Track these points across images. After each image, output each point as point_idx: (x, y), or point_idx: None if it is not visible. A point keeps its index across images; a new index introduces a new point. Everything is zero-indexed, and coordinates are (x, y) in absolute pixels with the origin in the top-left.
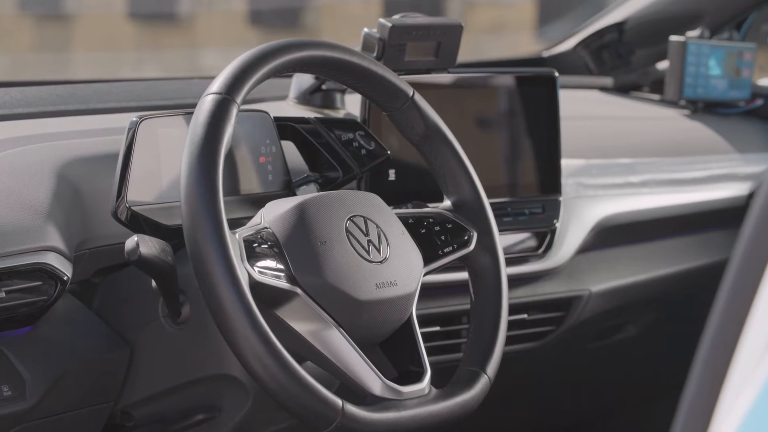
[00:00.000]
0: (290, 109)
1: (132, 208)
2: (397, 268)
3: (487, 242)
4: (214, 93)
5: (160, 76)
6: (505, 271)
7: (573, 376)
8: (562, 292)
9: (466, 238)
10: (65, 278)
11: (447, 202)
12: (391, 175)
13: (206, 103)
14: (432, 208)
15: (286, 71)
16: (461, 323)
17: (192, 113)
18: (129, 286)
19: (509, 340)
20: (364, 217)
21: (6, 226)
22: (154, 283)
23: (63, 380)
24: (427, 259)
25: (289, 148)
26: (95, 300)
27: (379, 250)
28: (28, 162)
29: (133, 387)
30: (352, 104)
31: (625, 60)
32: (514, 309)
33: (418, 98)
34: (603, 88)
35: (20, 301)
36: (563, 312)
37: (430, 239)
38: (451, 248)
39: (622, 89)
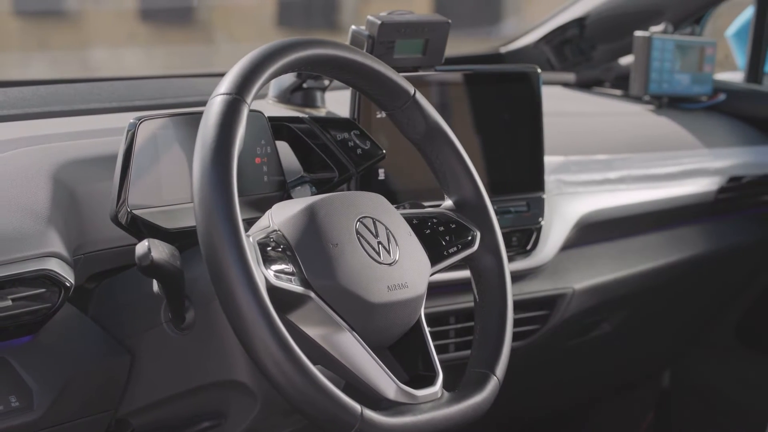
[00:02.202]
0: (270, 108)
1: (133, 211)
2: (407, 269)
3: (490, 242)
4: (223, 93)
5: (139, 75)
6: (509, 270)
7: (549, 372)
8: (547, 291)
9: (469, 238)
10: (68, 284)
11: (448, 202)
12: (381, 174)
13: (216, 104)
14: (434, 208)
15: (292, 70)
16: (449, 323)
17: (190, 114)
18: (127, 292)
19: None
20: (372, 219)
21: (8, 232)
22: (155, 288)
23: (68, 389)
24: (433, 260)
25: (282, 148)
26: (91, 306)
27: (389, 252)
28: (23, 165)
29: (133, 394)
30: (331, 103)
31: (586, 56)
32: None
33: (420, 97)
34: (565, 84)
35: (25, 309)
36: (547, 310)
37: (435, 240)
38: (455, 248)
39: (584, 85)
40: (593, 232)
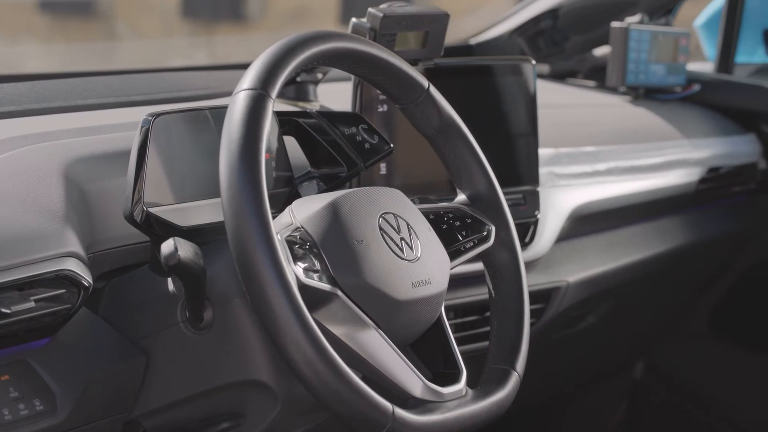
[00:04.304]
0: None
1: (149, 209)
2: (429, 265)
3: (505, 237)
4: (248, 89)
5: (132, 69)
6: (523, 265)
7: (532, 366)
8: (542, 284)
9: (485, 233)
10: (87, 284)
11: (462, 196)
12: (383, 169)
13: (241, 100)
14: (448, 203)
15: (312, 64)
16: (448, 318)
17: (203, 110)
18: (139, 291)
19: (484, 337)
20: (394, 214)
21: (28, 232)
22: (171, 287)
23: (88, 391)
24: (451, 255)
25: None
26: (101, 306)
27: (411, 248)
28: (33, 163)
29: (148, 396)
30: (323, 96)
31: (560, 47)
32: None
33: (434, 91)
34: (539, 75)
35: (46, 310)
36: (543, 304)
37: (452, 235)
38: (472, 243)
39: (558, 76)
40: (584, 224)
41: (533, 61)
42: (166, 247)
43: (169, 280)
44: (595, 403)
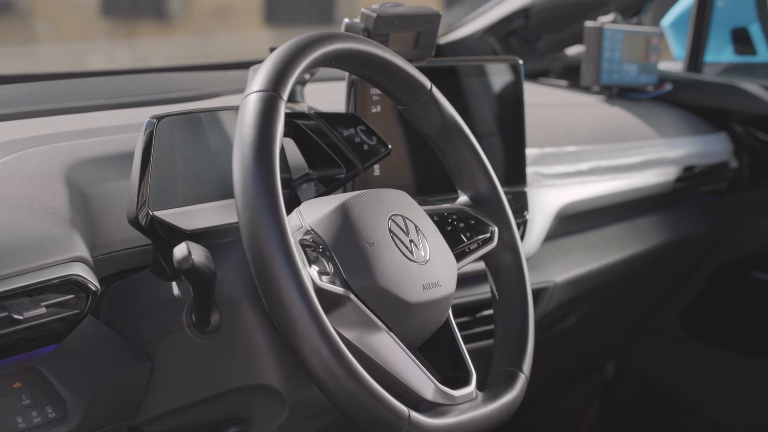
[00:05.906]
0: None
1: (154, 213)
2: (438, 268)
3: (507, 238)
4: (258, 91)
5: (121, 69)
6: (526, 266)
7: None
8: (531, 284)
9: (488, 234)
10: (94, 289)
11: (464, 197)
12: (377, 170)
13: (252, 102)
14: (450, 204)
15: (320, 65)
16: None
17: (207, 112)
18: (141, 295)
19: (480, 337)
20: (402, 216)
21: (36, 237)
22: (175, 291)
23: (97, 398)
24: (456, 257)
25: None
26: (102, 311)
27: (420, 250)
28: (35, 166)
29: (152, 401)
30: (309, 96)
31: (532, 46)
32: (486, 304)
33: (436, 92)
34: None
35: (56, 316)
36: None
37: (457, 236)
38: (476, 245)
39: (530, 75)
40: (569, 224)
41: (521, 61)
42: (179, 251)
43: (173, 284)
44: (569, 401)
